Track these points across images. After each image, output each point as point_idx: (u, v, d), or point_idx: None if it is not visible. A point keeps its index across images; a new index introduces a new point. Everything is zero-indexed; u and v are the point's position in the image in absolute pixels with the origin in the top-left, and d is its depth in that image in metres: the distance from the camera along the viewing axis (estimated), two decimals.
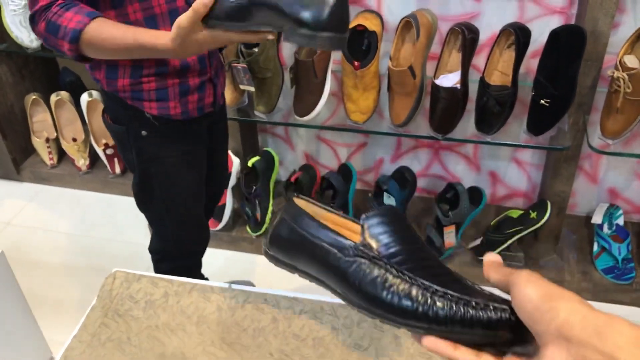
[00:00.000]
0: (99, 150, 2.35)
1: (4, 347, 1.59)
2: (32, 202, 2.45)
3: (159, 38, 1.07)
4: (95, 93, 2.34)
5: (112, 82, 1.27)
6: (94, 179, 2.44)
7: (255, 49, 1.68)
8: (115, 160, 2.38)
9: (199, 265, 1.73)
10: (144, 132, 1.34)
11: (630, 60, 1.51)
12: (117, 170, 2.40)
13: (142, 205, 1.53)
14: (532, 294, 0.51)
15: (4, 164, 2.47)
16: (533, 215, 1.83)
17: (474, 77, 1.69)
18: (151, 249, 1.64)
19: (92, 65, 1.27)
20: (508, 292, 0.54)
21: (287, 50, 1.96)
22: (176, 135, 1.38)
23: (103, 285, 1.34)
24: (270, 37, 1.01)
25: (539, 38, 1.69)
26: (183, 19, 1.00)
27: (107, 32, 1.09)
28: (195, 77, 1.31)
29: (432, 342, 0.57)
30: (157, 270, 1.67)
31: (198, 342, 1.22)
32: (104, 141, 2.33)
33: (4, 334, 1.59)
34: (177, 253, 1.63)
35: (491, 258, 0.59)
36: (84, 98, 2.31)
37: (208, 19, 0.99)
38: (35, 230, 2.30)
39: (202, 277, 1.78)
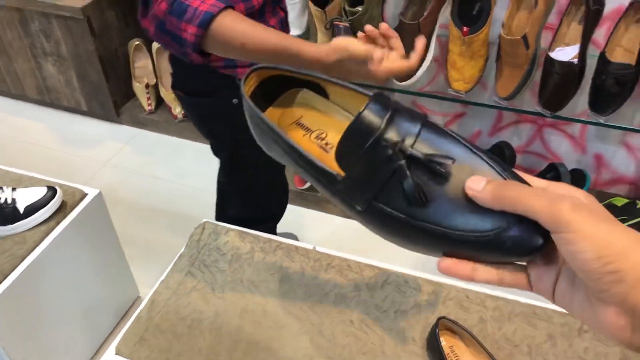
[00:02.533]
0: None
1: (95, 281, 1.67)
2: (129, 145, 2.53)
3: (307, 45, 0.98)
4: None
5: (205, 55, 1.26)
6: (188, 127, 2.49)
7: (359, 8, 1.62)
8: None
9: (274, 229, 1.76)
10: (235, 100, 1.32)
11: None
12: None
13: (230, 177, 1.54)
14: (589, 251, 0.39)
15: (106, 106, 2.56)
16: None
17: (592, 53, 1.57)
18: (230, 217, 1.62)
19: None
20: (550, 228, 0.42)
21: (391, 10, 1.88)
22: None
23: (192, 235, 1.36)
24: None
25: None
26: (360, 49, 0.95)
27: (243, 25, 0.98)
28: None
29: (446, 268, 0.46)
30: None
31: (280, 301, 1.22)
32: None
33: (96, 269, 1.67)
34: (260, 219, 1.64)
35: (477, 185, 0.46)
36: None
37: None
38: (130, 173, 2.38)
39: None
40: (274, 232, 1.77)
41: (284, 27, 1.33)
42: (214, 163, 2.37)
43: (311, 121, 0.62)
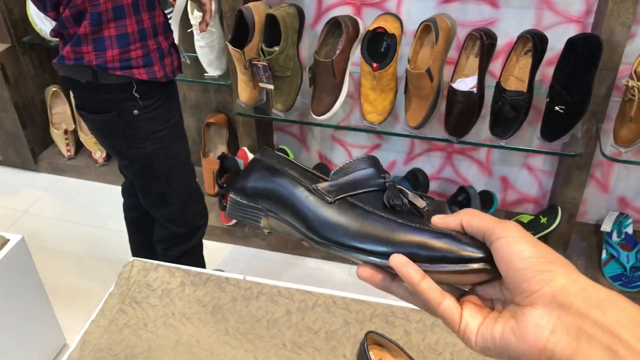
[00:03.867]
0: None
1: (18, 330, 1.63)
2: (48, 192, 2.49)
3: None
4: None
5: (100, 54, 1.32)
6: (109, 171, 2.47)
7: (276, 48, 1.71)
8: None
9: (201, 246, 1.79)
10: (135, 112, 1.39)
11: None
12: None
13: (145, 190, 1.57)
14: (527, 251, 0.46)
15: (23, 154, 2.51)
16: (543, 220, 1.85)
17: (490, 82, 1.72)
18: (157, 239, 1.69)
19: (74, 41, 1.31)
20: (485, 242, 0.50)
21: (307, 50, 1.99)
22: (163, 103, 1.44)
23: (121, 273, 1.37)
24: None
25: (555, 46, 1.72)
26: None
27: None
28: (165, 41, 1.40)
29: (400, 262, 0.50)
30: (166, 259, 1.71)
31: (213, 331, 1.25)
32: None
33: (19, 317, 1.63)
34: (183, 233, 1.67)
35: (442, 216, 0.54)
36: None
37: None
38: (51, 220, 2.33)
39: (204, 261, 1.85)
40: (202, 248, 1.79)
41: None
42: None
43: None
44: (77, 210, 2.38)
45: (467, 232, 0.52)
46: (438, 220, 0.54)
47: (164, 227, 1.65)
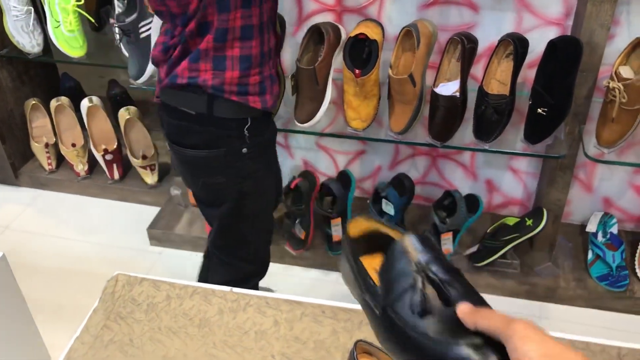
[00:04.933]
0: (98, 156, 2.36)
1: (1, 348, 1.60)
2: (30, 207, 2.45)
3: None
4: (95, 99, 2.35)
5: (218, 74, 1.22)
6: (92, 184, 2.45)
7: None
8: (114, 165, 2.39)
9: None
10: (244, 150, 1.31)
11: (625, 71, 1.54)
12: (116, 175, 2.41)
13: (226, 230, 1.47)
14: (532, 353, 0.48)
15: (3, 168, 2.48)
16: (529, 222, 1.85)
17: (472, 86, 1.72)
18: (224, 281, 1.55)
19: (193, 56, 1.22)
20: (501, 341, 0.52)
21: (289, 58, 1.98)
22: (267, 139, 1.38)
23: (105, 288, 1.35)
24: None
25: (535, 48, 1.72)
26: None
27: None
28: (272, 69, 1.31)
29: None
30: None
31: (200, 345, 1.23)
32: (103, 146, 2.34)
33: (2, 335, 1.59)
34: (254, 269, 1.59)
35: (465, 308, 0.56)
36: (84, 104, 2.32)
37: None
38: (33, 235, 2.30)
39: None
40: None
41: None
42: (120, 218, 2.36)
43: None
44: (60, 225, 2.35)
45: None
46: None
47: (234, 267, 1.55)
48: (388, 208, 1.92)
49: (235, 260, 1.55)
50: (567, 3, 1.71)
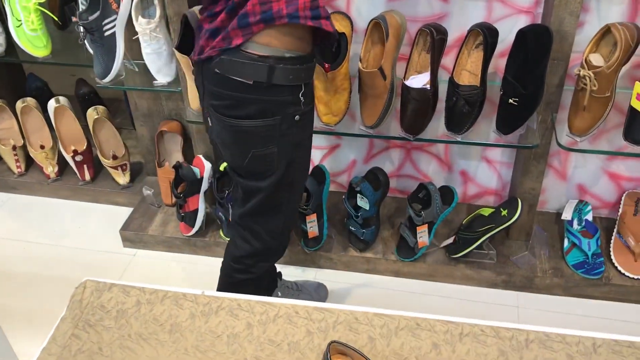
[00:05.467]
0: (68, 157, 2.31)
1: None
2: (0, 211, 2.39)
3: None
4: (62, 99, 2.30)
5: (292, 1, 1.20)
6: (63, 186, 2.39)
7: None
8: (85, 166, 2.34)
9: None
10: (297, 117, 1.32)
11: (596, 59, 1.53)
12: (87, 177, 2.36)
13: (264, 201, 1.45)
14: None
15: None
16: (504, 213, 1.85)
17: (443, 77, 1.71)
18: (245, 254, 1.57)
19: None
20: None
21: None
22: (312, 107, 1.39)
23: (73, 296, 1.32)
24: None
25: (506, 38, 1.71)
26: None
27: None
28: None
29: None
30: (249, 276, 1.60)
31: (172, 351, 1.20)
32: (72, 147, 2.29)
33: None
34: (276, 247, 1.60)
35: None
36: (52, 104, 2.27)
37: None
38: (3, 241, 2.25)
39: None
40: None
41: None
42: (92, 221, 2.31)
43: None
44: (30, 229, 2.30)
45: None
46: None
47: (260, 241, 1.53)
48: (363, 203, 1.90)
49: (263, 232, 1.53)
50: None
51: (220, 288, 1.66)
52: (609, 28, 1.51)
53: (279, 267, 1.97)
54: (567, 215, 1.97)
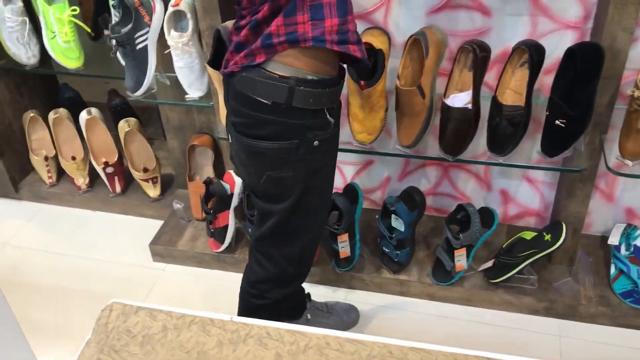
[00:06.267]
0: (99, 169, 2.29)
1: None
2: (30, 222, 2.39)
3: None
4: (94, 110, 2.28)
5: (318, 24, 1.15)
6: (93, 198, 2.38)
7: None
8: (116, 178, 2.32)
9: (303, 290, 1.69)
10: (316, 143, 1.26)
11: None
12: (118, 189, 2.34)
13: (279, 226, 1.40)
14: None
15: (2, 182, 2.42)
16: (547, 237, 1.76)
17: (485, 93, 1.63)
18: (259, 279, 1.52)
19: (288, 10, 1.14)
20: None
21: None
22: (336, 133, 1.34)
23: (99, 319, 1.28)
24: None
25: (552, 54, 1.63)
26: None
27: None
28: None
29: None
30: (264, 302, 1.54)
31: None
32: (103, 159, 2.27)
33: None
34: (293, 273, 1.53)
35: None
36: (83, 116, 2.26)
37: None
38: (33, 252, 2.24)
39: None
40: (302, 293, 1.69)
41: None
42: (121, 233, 2.29)
43: None
44: (61, 241, 2.29)
45: None
46: None
47: (276, 266, 1.48)
48: (397, 224, 1.83)
49: (279, 257, 1.48)
50: (585, 6, 1.60)
51: (240, 312, 1.60)
52: None
53: (309, 287, 1.92)
54: (614, 240, 1.86)
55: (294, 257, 1.48)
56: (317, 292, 1.94)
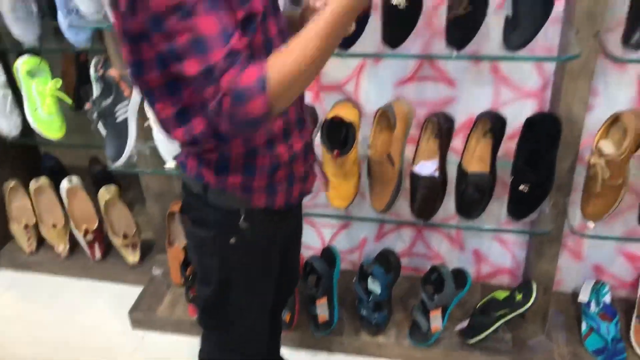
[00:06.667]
0: (79, 236, 2.31)
1: None
2: (9, 291, 2.38)
3: (330, 6, 0.97)
4: (75, 179, 2.32)
5: (222, 179, 1.18)
6: (73, 265, 2.39)
7: None
8: (96, 245, 2.34)
9: None
10: (232, 240, 1.24)
11: (606, 146, 1.52)
12: (97, 255, 2.36)
13: (208, 316, 1.40)
14: None
15: None
16: (519, 297, 1.80)
17: (453, 159, 1.70)
18: (205, 358, 1.52)
19: (195, 162, 1.19)
20: None
21: None
22: (266, 234, 1.29)
23: None
24: None
25: (515, 121, 1.70)
26: None
27: (290, 49, 0.96)
28: (300, 166, 1.25)
29: None
30: None
31: None
32: (84, 226, 2.29)
33: None
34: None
35: None
36: (64, 184, 2.29)
37: None
38: (12, 321, 2.23)
39: None
40: None
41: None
42: (102, 300, 2.29)
43: None
44: (40, 309, 2.28)
45: None
46: None
47: (212, 352, 1.49)
48: (374, 286, 1.87)
49: (214, 343, 1.48)
50: (544, 76, 1.70)
51: None
52: (618, 116, 1.51)
53: (288, 352, 1.93)
54: (584, 297, 1.91)
55: (226, 346, 1.46)
56: (297, 357, 1.95)
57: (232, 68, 0.93)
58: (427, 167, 1.59)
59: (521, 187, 1.56)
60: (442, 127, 1.56)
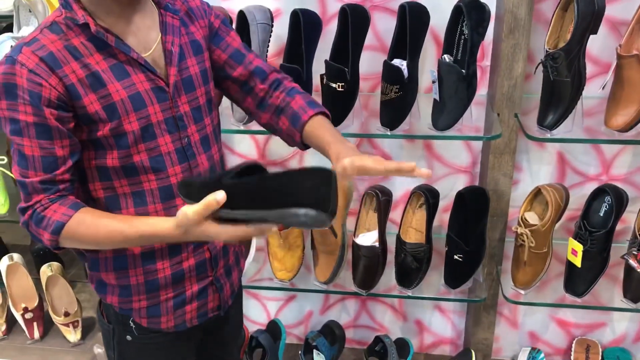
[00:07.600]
0: (17, 315, 2.25)
1: None
2: None
3: (158, 225, 1.02)
4: (16, 256, 2.28)
5: (102, 296, 1.24)
6: (9, 345, 2.30)
7: None
8: (35, 324, 2.27)
9: None
10: (129, 337, 1.25)
11: (531, 217, 1.65)
12: (36, 335, 2.29)
13: None
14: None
15: None
16: None
17: (393, 230, 1.78)
18: None
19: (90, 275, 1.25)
20: None
21: None
22: (164, 345, 1.28)
23: None
24: (275, 229, 0.96)
25: (449, 194, 1.82)
26: (190, 211, 0.92)
27: (89, 225, 1.04)
28: (194, 284, 1.22)
29: None
30: None
31: None
32: (23, 305, 2.23)
33: None
34: None
35: None
36: (4, 262, 2.25)
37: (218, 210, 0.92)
38: None
39: None
40: None
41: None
42: None
43: None
44: None
45: None
46: None
47: None
48: (319, 358, 1.89)
49: None
50: (473, 154, 1.84)
51: None
52: (540, 190, 1.64)
53: None
54: None
55: None
56: None
57: (44, 194, 1.05)
58: (367, 238, 1.67)
59: (455, 257, 1.65)
60: (380, 199, 1.66)
